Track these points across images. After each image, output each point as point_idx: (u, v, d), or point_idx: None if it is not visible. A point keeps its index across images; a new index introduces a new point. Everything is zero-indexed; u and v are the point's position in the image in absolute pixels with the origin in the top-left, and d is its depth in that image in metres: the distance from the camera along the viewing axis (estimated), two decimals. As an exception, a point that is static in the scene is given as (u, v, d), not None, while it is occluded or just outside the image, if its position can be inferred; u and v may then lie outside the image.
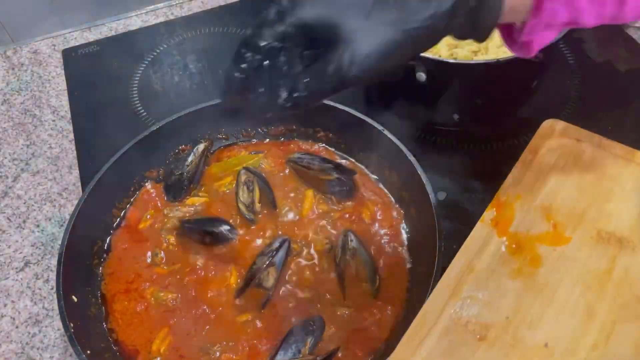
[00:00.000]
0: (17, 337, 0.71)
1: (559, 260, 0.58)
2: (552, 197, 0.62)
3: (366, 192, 0.77)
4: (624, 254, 0.58)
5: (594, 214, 0.61)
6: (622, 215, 0.60)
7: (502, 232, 0.60)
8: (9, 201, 0.84)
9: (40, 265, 0.77)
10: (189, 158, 0.79)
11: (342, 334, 0.64)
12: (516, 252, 0.58)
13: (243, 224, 0.74)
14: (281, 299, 0.67)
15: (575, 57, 0.98)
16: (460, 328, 0.54)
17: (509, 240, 0.59)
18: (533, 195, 0.62)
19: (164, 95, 0.98)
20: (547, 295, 0.55)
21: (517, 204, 0.61)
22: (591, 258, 0.58)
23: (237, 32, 1.08)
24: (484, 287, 0.56)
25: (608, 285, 0.56)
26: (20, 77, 1.02)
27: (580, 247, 0.58)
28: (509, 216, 0.61)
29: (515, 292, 0.56)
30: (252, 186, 0.76)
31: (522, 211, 0.61)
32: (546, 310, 0.54)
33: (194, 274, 0.70)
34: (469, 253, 0.58)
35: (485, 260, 0.58)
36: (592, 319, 0.54)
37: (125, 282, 0.70)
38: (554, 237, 0.59)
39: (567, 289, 0.56)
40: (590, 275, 0.56)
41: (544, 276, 0.57)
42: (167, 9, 1.13)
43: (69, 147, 0.90)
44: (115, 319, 0.68)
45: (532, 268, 0.57)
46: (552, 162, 0.64)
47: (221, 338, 0.65)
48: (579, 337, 0.53)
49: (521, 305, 0.55)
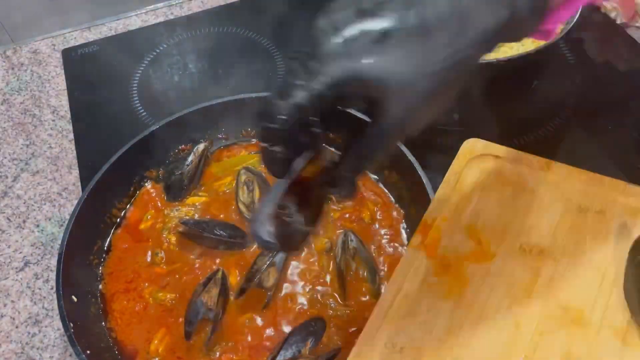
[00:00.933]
0: (17, 337, 0.71)
1: (485, 277, 0.57)
2: (476, 216, 0.62)
3: (366, 192, 0.77)
4: (546, 264, 0.58)
5: (516, 228, 0.61)
6: (542, 227, 0.60)
7: (431, 254, 0.60)
8: (8, 201, 0.84)
9: (40, 265, 0.77)
10: (189, 158, 0.79)
11: (342, 334, 0.64)
12: (445, 272, 0.58)
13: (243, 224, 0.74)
14: (282, 299, 0.67)
15: (575, 57, 0.98)
16: (397, 355, 0.53)
17: (438, 261, 0.59)
18: (458, 215, 0.62)
19: (164, 95, 0.97)
20: (476, 312, 0.55)
21: (443, 225, 0.61)
22: (516, 272, 0.58)
23: (237, 32, 1.08)
24: (416, 310, 0.56)
25: (533, 297, 0.56)
26: (20, 77, 1.02)
27: (505, 261, 0.58)
28: (437, 238, 0.61)
29: (447, 313, 0.55)
30: (252, 186, 0.76)
31: (449, 232, 0.61)
32: (476, 327, 0.54)
33: (193, 274, 0.70)
34: (401, 278, 0.58)
35: (416, 283, 0.57)
36: (520, 332, 0.54)
37: (124, 281, 0.70)
38: (480, 254, 0.59)
39: (495, 304, 0.56)
40: (515, 289, 0.56)
41: (473, 294, 0.56)
42: (166, 9, 1.13)
43: (69, 147, 0.90)
44: (115, 318, 0.68)
45: (461, 287, 0.57)
46: (475, 181, 0.65)
47: (221, 338, 0.65)
48: (510, 352, 0.52)
49: (453, 325, 0.55)
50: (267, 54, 1.03)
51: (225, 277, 0.68)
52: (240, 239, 0.72)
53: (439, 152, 0.85)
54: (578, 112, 0.88)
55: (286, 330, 0.64)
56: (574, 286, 0.56)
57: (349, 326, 0.65)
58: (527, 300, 0.56)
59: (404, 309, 0.56)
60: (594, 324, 0.53)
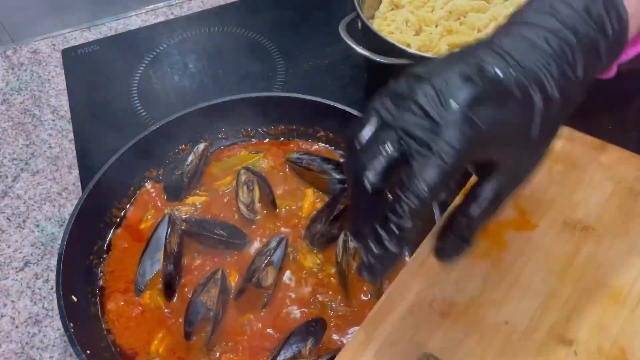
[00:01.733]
0: (17, 337, 0.71)
1: (525, 245, 0.58)
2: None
3: (366, 192, 0.77)
4: (588, 241, 0.58)
5: (562, 202, 0.61)
6: (589, 205, 0.61)
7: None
8: (8, 201, 0.84)
9: (40, 265, 0.77)
10: (189, 158, 0.79)
11: (343, 334, 0.64)
12: (484, 236, 0.58)
13: (243, 223, 0.74)
14: (282, 299, 0.67)
15: (575, 57, 0.98)
16: (425, 306, 0.54)
17: None
18: None
19: (164, 95, 0.97)
20: (512, 277, 0.56)
21: None
22: (556, 244, 0.58)
23: (237, 31, 1.08)
24: (451, 266, 0.57)
25: (571, 270, 0.56)
26: (19, 76, 1.02)
27: (547, 233, 0.59)
28: None
29: (481, 273, 0.56)
30: (252, 186, 0.76)
31: None
32: (510, 291, 0.55)
33: (192, 274, 0.70)
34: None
35: None
36: (553, 300, 0.54)
37: (125, 281, 0.70)
38: (521, 223, 0.60)
39: (531, 272, 0.56)
40: (554, 261, 0.57)
41: (510, 259, 0.57)
42: (166, 9, 1.13)
43: (69, 146, 0.90)
44: (115, 318, 0.68)
45: (499, 251, 0.58)
46: None
47: (221, 338, 0.65)
48: (539, 317, 0.53)
49: (486, 286, 0.55)
50: (267, 54, 1.03)
51: (225, 277, 0.68)
52: (239, 239, 0.72)
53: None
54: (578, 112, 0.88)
55: (286, 329, 0.64)
56: (614, 265, 0.56)
57: (350, 326, 0.65)
58: (564, 273, 0.56)
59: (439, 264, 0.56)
60: (630, 303, 0.54)
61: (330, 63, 1.00)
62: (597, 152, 0.65)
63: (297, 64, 1.01)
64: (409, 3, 0.89)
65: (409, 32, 0.85)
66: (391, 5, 0.91)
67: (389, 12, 0.91)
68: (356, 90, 0.96)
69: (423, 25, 0.86)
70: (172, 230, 0.71)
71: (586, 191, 0.62)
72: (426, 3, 0.89)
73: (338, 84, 0.96)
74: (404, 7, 0.89)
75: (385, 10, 0.91)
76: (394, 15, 0.89)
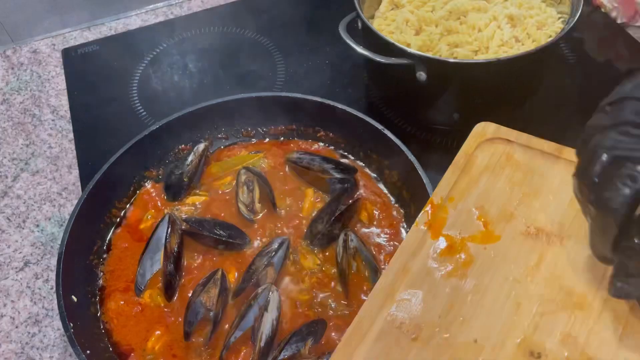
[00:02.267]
0: (16, 337, 0.71)
1: (489, 258, 0.58)
2: (484, 198, 0.62)
3: (366, 192, 0.77)
4: (551, 248, 0.58)
5: (523, 210, 0.61)
6: (550, 211, 0.61)
7: (436, 234, 0.60)
8: (8, 201, 0.84)
9: (40, 265, 0.77)
10: (189, 158, 0.79)
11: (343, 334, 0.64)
12: (449, 252, 0.59)
13: (243, 223, 0.74)
14: (282, 299, 0.67)
15: (575, 57, 0.98)
16: (395, 330, 0.54)
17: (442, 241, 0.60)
18: (465, 197, 0.62)
19: (164, 94, 0.97)
20: (479, 292, 0.56)
21: (450, 206, 0.62)
22: (520, 254, 0.58)
23: (237, 31, 1.08)
24: (418, 288, 0.56)
25: (536, 279, 0.56)
26: (19, 76, 1.02)
27: (510, 243, 0.59)
28: (442, 218, 0.61)
29: (448, 292, 0.56)
30: (252, 186, 0.76)
31: (455, 213, 0.61)
32: (477, 307, 0.55)
33: (192, 274, 0.70)
34: (404, 256, 0.58)
35: (419, 262, 0.58)
36: (521, 312, 0.54)
37: (125, 281, 0.70)
38: (485, 235, 0.60)
39: (497, 285, 0.56)
40: (519, 271, 0.57)
41: (476, 274, 0.57)
42: (166, 9, 1.13)
43: (69, 146, 0.90)
44: (114, 317, 0.68)
45: (464, 268, 0.57)
46: (484, 164, 0.65)
47: (220, 338, 0.65)
48: (507, 332, 0.53)
49: (454, 304, 0.55)
50: (267, 54, 1.03)
51: (224, 277, 0.67)
52: (239, 239, 0.72)
53: (439, 152, 0.86)
54: (578, 112, 0.88)
55: (286, 330, 0.64)
56: (578, 271, 0.56)
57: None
58: (529, 282, 0.56)
59: (406, 286, 0.56)
60: (596, 309, 0.53)
61: (330, 63, 1.00)
62: (555, 156, 0.65)
63: (297, 64, 1.01)
64: (409, 3, 0.89)
65: (409, 32, 0.85)
66: (391, 5, 0.91)
67: (389, 12, 0.91)
68: (356, 90, 0.96)
69: (423, 25, 0.86)
70: (172, 230, 0.71)
71: (546, 198, 0.62)
72: (426, 3, 0.89)
73: (338, 84, 0.96)
74: (404, 6, 0.89)
75: (385, 10, 0.91)
76: (394, 15, 0.89)
